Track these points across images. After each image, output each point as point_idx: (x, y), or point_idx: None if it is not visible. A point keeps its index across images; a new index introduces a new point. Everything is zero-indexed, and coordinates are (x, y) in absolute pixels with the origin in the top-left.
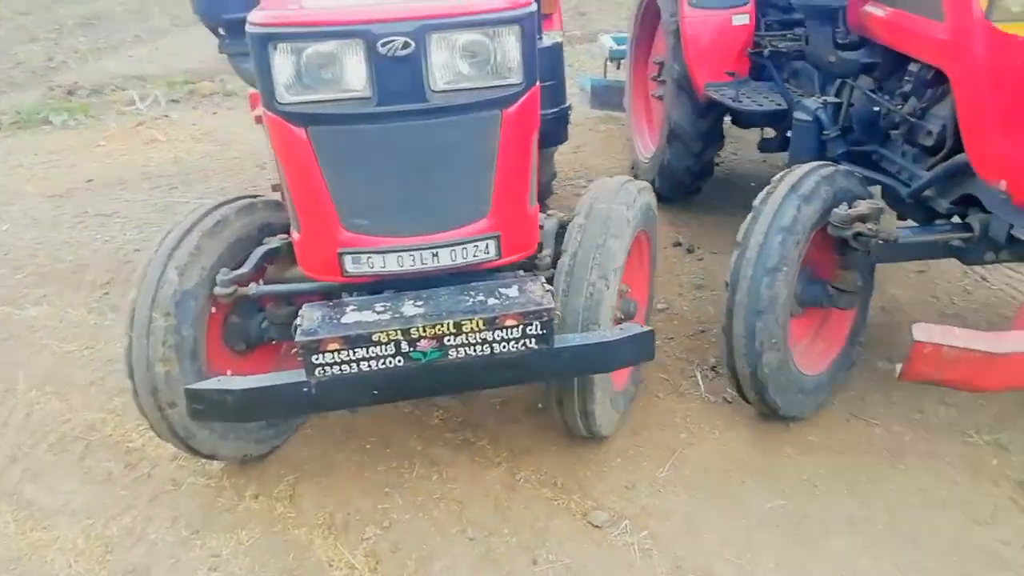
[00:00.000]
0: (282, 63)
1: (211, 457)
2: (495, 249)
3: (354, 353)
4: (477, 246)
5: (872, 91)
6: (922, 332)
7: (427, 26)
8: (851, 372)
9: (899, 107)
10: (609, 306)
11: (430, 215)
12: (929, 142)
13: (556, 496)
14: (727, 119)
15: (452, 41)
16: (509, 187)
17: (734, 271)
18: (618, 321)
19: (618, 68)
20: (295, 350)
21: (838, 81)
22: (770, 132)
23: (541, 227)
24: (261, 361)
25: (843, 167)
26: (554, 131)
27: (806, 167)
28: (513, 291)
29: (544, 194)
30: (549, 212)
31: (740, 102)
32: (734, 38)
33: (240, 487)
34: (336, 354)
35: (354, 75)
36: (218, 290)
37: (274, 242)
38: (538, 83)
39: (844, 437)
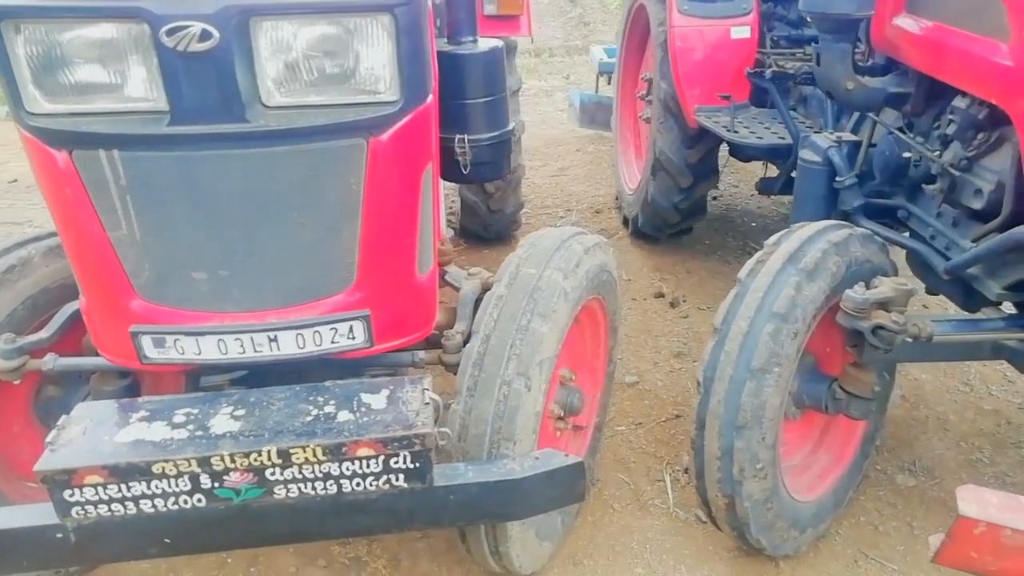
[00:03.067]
0: (27, 55)
1: None
2: (364, 333)
3: (127, 489)
4: (336, 329)
5: (900, 130)
6: (971, 503)
7: (246, 9)
8: (859, 487)
9: (936, 153)
10: (531, 414)
11: (265, 284)
12: (977, 204)
13: None
14: (724, 148)
15: (288, 35)
16: (383, 246)
17: (708, 367)
18: (556, 419)
19: (608, 83)
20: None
21: (856, 114)
22: (772, 169)
23: (447, 291)
24: None
25: (859, 229)
26: (491, 162)
27: (809, 229)
28: (379, 400)
29: (508, 227)
30: (471, 272)
31: (735, 132)
32: (732, 54)
33: None
34: (100, 489)
35: (138, 77)
36: None
37: None
38: (429, 100)
39: None
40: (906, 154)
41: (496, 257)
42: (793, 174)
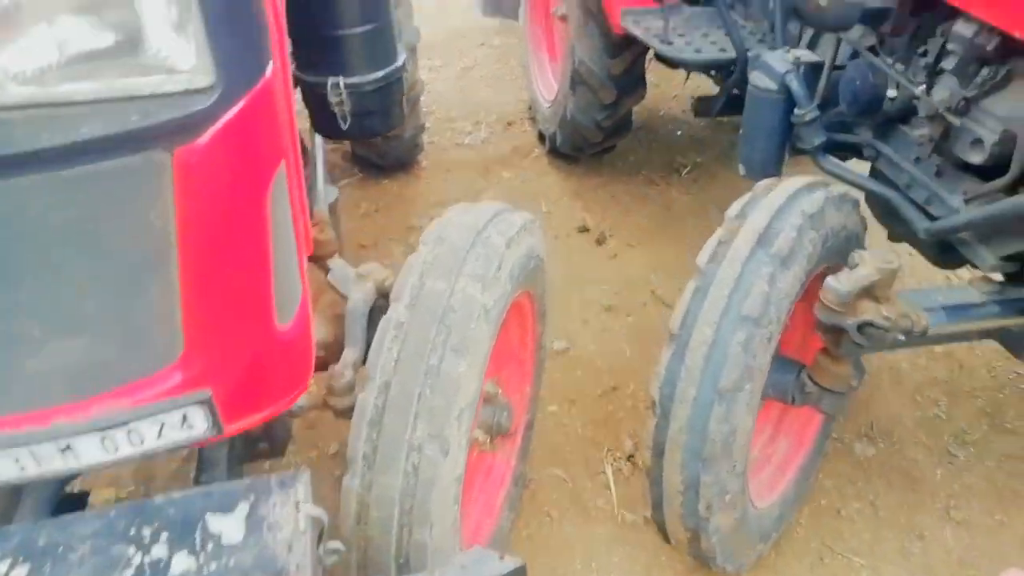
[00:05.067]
0: None
1: None
2: (206, 419)
3: None
4: (163, 422)
5: (872, 50)
6: None
7: None
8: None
9: (922, 88)
10: (450, 481)
11: (41, 373)
12: (976, 157)
13: None
14: (651, 54)
15: None
16: (219, 298)
17: (665, 383)
18: (478, 445)
19: None
20: None
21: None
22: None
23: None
24: None
25: (834, 189)
26: (378, 112)
27: (778, 195)
28: (234, 526)
29: (409, 153)
30: (359, 272)
31: (669, 43)
32: None
33: None
34: None
35: None
36: None
37: None
38: (269, 73)
39: None
40: (882, 87)
41: (397, 190)
42: (736, 91)
